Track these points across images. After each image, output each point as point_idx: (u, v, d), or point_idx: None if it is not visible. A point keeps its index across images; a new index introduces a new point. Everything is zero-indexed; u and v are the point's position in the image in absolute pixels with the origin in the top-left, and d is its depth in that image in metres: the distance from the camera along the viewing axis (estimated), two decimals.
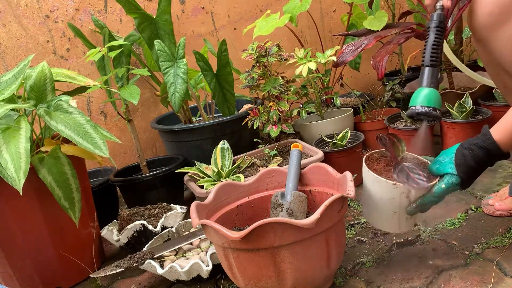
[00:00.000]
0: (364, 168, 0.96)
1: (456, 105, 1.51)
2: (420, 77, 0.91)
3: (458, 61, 1.43)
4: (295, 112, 1.54)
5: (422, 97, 0.89)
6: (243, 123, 1.52)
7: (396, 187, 0.91)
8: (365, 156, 0.99)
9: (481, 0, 0.87)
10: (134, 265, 1.08)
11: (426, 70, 0.90)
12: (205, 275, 1.05)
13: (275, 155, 1.46)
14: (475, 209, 1.21)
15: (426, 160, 0.98)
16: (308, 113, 1.65)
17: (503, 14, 0.84)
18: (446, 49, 1.40)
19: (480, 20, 0.88)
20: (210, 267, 1.04)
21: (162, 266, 1.08)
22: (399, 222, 0.97)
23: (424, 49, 0.92)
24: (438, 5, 0.92)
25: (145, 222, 1.24)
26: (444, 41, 1.30)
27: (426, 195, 0.90)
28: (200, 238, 1.17)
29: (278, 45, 1.50)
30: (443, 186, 0.89)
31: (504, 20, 0.84)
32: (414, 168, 0.93)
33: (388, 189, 0.92)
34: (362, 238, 1.17)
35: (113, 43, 1.39)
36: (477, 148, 0.86)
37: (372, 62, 1.54)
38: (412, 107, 0.90)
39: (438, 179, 0.91)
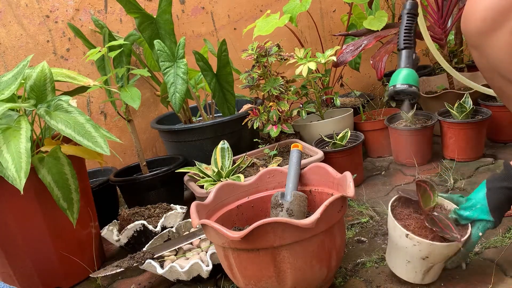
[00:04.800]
0: (390, 217, 0.92)
1: (456, 105, 1.51)
2: (398, 60, 0.97)
3: (449, 66, 1.42)
4: (295, 112, 1.54)
5: (399, 76, 0.94)
6: (243, 123, 1.52)
7: (411, 240, 0.87)
8: (390, 203, 0.95)
9: (474, 6, 0.87)
10: (134, 265, 1.08)
11: (402, 53, 0.97)
12: (205, 275, 1.05)
13: (275, 155, 1.46)
14: None
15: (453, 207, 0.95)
16: (308, 113, 1.65)
17: (496, 20, 0.84)
18: (436, 54, 1.39)
19: (473, 26, 0.87)
20: (210, 267, 1.04)
21: (162, 266, 1.08)
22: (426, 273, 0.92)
23: (398, 34, 0.97)
24: None
25: (145, 222, 1.24)
26: (436, 48, 1.31)
27: (467, 246, 0.89)
28: (200, 238, 1.17)
29: (278, 45, 1.50)
30: (480, 234, 0.88)
31: (498, 26, 0.84)
32: (444, 220, 0.90)
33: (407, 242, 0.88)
34: (362, 238, 1.17)
35: (113, 43, 1.39)
36: (508, 191, 0.87)
37: (371, 62, 1.54)
38: (391, 87, 0.95)
39: (469, 229, 0.90)
